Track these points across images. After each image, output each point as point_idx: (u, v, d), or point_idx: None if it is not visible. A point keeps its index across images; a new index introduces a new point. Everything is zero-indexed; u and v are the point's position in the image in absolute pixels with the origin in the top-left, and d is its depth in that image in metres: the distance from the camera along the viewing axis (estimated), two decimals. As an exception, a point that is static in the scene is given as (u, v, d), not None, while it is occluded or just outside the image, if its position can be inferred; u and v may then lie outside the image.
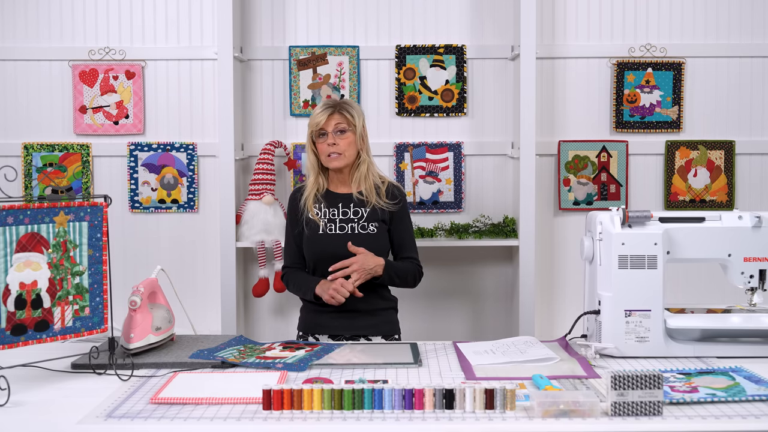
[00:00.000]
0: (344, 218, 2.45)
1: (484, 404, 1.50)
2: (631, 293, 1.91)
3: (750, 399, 1.55)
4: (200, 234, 3.34)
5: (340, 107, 2.45)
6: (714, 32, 3.31)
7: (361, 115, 2.48)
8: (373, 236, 2.43)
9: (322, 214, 2.45)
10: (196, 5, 3.30)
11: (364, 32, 3.32)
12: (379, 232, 2.44)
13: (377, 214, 2.45)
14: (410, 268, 2.48)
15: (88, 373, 1.80)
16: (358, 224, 2.43)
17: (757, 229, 1.96)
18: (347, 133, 2.43)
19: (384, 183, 2.50)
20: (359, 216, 2.44)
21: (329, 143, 2.41)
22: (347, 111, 2.45)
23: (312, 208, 2.45)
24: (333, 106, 2.45)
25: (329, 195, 2.48)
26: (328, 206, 2.46)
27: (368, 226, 2.43)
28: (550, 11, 3.31)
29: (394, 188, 2.51)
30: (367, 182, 2.46)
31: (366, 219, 2.44)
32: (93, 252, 1.82)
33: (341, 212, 2.45)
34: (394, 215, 2.47)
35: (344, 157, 2.42)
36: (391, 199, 2.47)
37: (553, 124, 3.34)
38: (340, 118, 2.43)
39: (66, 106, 3.31)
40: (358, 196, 2.46)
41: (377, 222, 2.44)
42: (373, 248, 2.40)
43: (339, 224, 2.44)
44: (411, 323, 3.19)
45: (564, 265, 3.36)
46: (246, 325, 3.37)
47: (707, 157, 3.32)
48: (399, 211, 2.48)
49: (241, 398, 1.57)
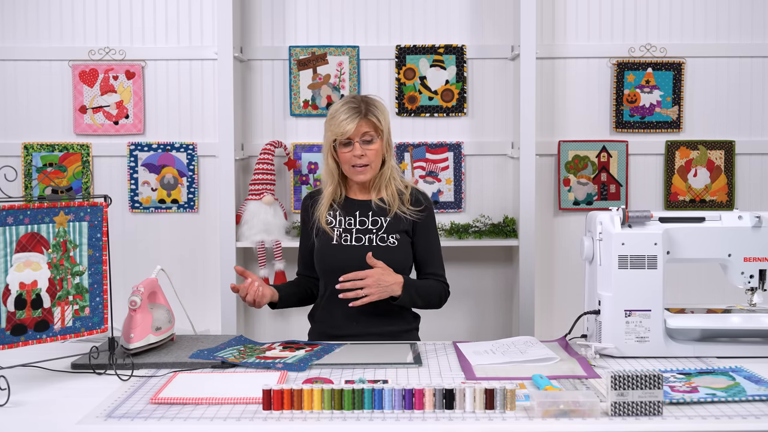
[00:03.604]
0: (361, 228, 2.23)
1: (484, 404, 1.50)
2: (631, 293, 1.91)
3: (750, 399, 1.55)
4: (200, 234, 3.34)
5: (367, 111, 2.19)
6: (714, 32, 3.31)
7: (387, 116, 2.24)
8: (393, 249, 2.21)
9: (336, 223, 2.24)
10: (196, 5, 3.30)
11: (364, 32, 3.32)
12: (400, 245, 2.22)
13: (399, 224, 2.24)
14: (435, 287, 2.25)
15: (88, 373, 1.80)
16: (376, 236, 2.22)
17: (757, 229, 1.96)
18: (375, 142, 2.19)
19: (407, 188, 2.30)
20: (378, 226, 2.23)
21: (356, 154, 2.18)
22: (375, 116, 2.19)
23: (325, 216, 2.25)
24: (359, 111, 2.19)
25: (347, 202, 2.28)
26: (344, 214, 2.25)
27: (388, 238, 2.21)
28: (550, 11, 3.31)
29: (419, 194, 2.30)
30: (390, 188, 2.25)
31: (386, 230, 2.22)
32: (93, 252, 1.82)
33: (358, 221, 2.24)
34: (417, 225, 2.26)
35: (371, 168, 2.21)
36: (415, 205, 2.26)
37: (553, 124, 3.34)
38: (368, 125, 2.18)
39: (66, 106, 3.31)
40: (378, 203, 2.25)
41: (399, 233, 2.23)
42: (393, 263, 2.17)
43: (356, 235, 2.22)
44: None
45: (564, 265, 3.36)
46: (246, 325, 3.37)
47: (707, 157, 3.32)
48: (424, 221, 2.27)
49: (241, 398, 1.57)
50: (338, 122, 2.18)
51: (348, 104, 2.21)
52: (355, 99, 2.23)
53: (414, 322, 2.34)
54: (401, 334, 2.26)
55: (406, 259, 2.25)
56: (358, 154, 2.18)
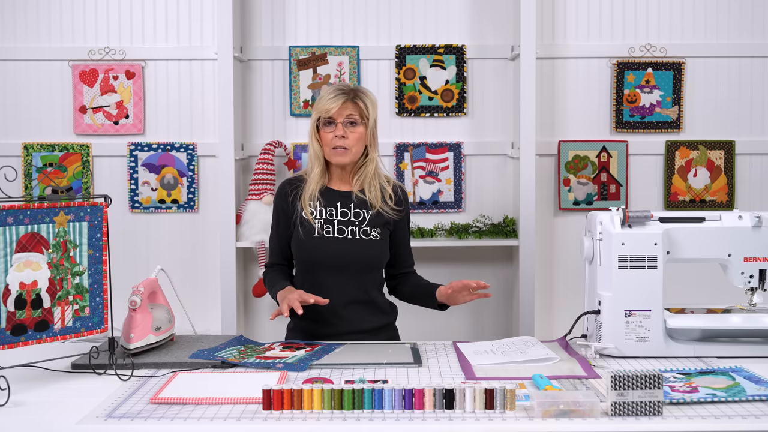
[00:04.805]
0: (343, 220, 2.21)
1: (484, 404, 1.50)
2: (631, 293, 1.91)
3: (750, 399, 1.55)
4: (200, 234, 3.34)
5: (354, 95, 2.19)
6: (714, 32, 3.31)
7: (375, 106, 2.23)
8: (374, 243, 2.21)
9: (317, 213, 2.22)
10: (196, 5, 3.30)
11: (364, 32, 3.32)
12: (381, 239, 2.22)
13: (381, 218, 2.23)
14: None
15: (88, 373, 1.80)
16: (359, 228, 2.21)
17: (757, 229, 1.96)
18: (358, 127, 2.18)
19: (389, 182, 2.30)
20: (360, 219, 2.22)
21: (337, 134, 2.17)
22: (362, 100, 2.19)
23: (307, 206, 2.22)
24: (346, 93, 2.18)
25: (327, 192, 2.25)
26: (325, 204, 2.22)
27: (371, 232, 2.21)
28: (550, 11, 3.31)
29: (400, 191, 2.31)
30: (374, 186, 2.24)
31: (368, 223, 2.22)
32: (93, 252, 1.82)
33: (340, 212, 2.22)
34: (397, 221, 2.28)
35: (351, 153, 2.19)
36: (396, 205, 2.26)
37: (553, 124, 3.34)
38: (353, 108, 2.18)
39: (66, 106, 3.31)
40: (359, 195, 2.24)
41: (380, 227, 2.23)
42: (374, 257, 2.21)
43: (337, 226, 2.21)
44: (411, 323, 3.18)
45: (564, 265, 3.36)
46: (246, 325, 3.37)
47: (707, 157, 3.32)
48: (403, 217, 2.29)
49: (241, 398, 1.56)
50: (324, 101, 2.18)
51: (337, 86, 2.22)
52: (346, 85, 2.24)
53: (393, 313, 2.33)
54: (383, 330, 2.27)
55: (384, 253, 2.25)
56: (339, 134, 2.17)
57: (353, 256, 2.20)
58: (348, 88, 2.21)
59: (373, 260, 2.23)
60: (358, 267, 2.21)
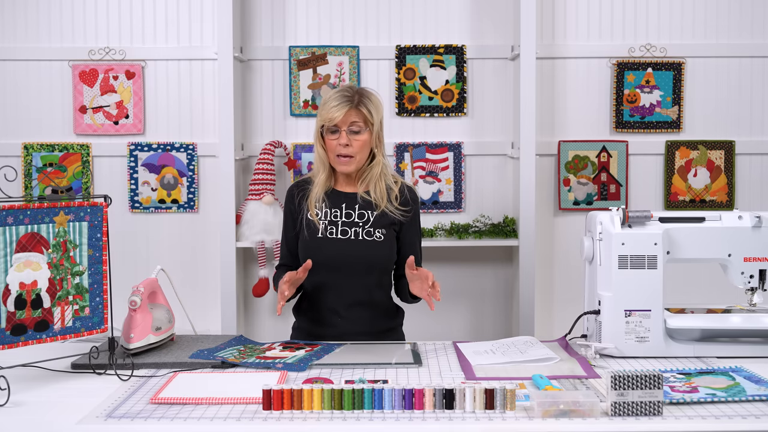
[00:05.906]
0: (348, 221, 2.21)
1: (484, 404, 1.50)
2: (631, 293, 1.91)
3: (750, 399, 1.55)
4: (200, 234, 3.34)
5: (358, 102, 2.17)
6: (714, 32, 3.31)
7: (380, 110, 2.23)
8: (378, 244, 2.20)
9: (322, 215, 2.22)
10: (196, 5, 3.30)
11: (364, 32, 3.32)
12: (386, 240, 2.21)
13: (386, 218, 2.22)
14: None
15: (88, 373, 1.80)
16: (363, 229, 2.20)
17: (757, 229, 1.96)
18: (362, 134, 2.18)
19: (397, 183, 2.28)
20: (365, 220, 2.21)
21: (341, 143, 2.16)
22: (366, 107, 2.18)
23: (313, 208, 2.23)
24: (350, 99, 2.17)
25: (333, 193, 2.25)
26: (330, 206, 2.23)
27: (374, 232, 2.20)
28: (550, 11, 3.31)
29: (408, 191, 2.28)
30: (379, 186, 2.23)
31: (372, 224, 2.21)
32: (93, 252, 1.82)
33: (344, 214, 2.22)
34: (404, 221, 2.25)
35: (355, 160, 2.19)
36: (403, 206, 2.24)
37: (553, 124, 3.34)
38: (357, 115, 2.17)
39: (66, 106, 3.31)
40: (364, 196, 2.23)
41: (385, 228, 2.21)
42: (377, 258, 2.20)
43: (341, 228, 2.21)
44: (411, 323, 3.18)
45: (564, 265, 3.36)
46: (246, 325, 3.37)
47: (707, 157, 3.32)
48: (411, 218, 2.27)
49: (241, 398, 1.57)
50: (328, 108, 2.17)
51: (341, 92, 2.20)
52: (350, 89, 2.21)
53: (398, 317, 2.33)
54: (391, 333, 2.27)
55: (390, 254, 2.24)
56: (343, 142, 2.17)
57: (356, 257, 2.20)
58: (352, 93, 2.20)
59: (376, 261, 2.22)
60: (360, 268, 2.21)
